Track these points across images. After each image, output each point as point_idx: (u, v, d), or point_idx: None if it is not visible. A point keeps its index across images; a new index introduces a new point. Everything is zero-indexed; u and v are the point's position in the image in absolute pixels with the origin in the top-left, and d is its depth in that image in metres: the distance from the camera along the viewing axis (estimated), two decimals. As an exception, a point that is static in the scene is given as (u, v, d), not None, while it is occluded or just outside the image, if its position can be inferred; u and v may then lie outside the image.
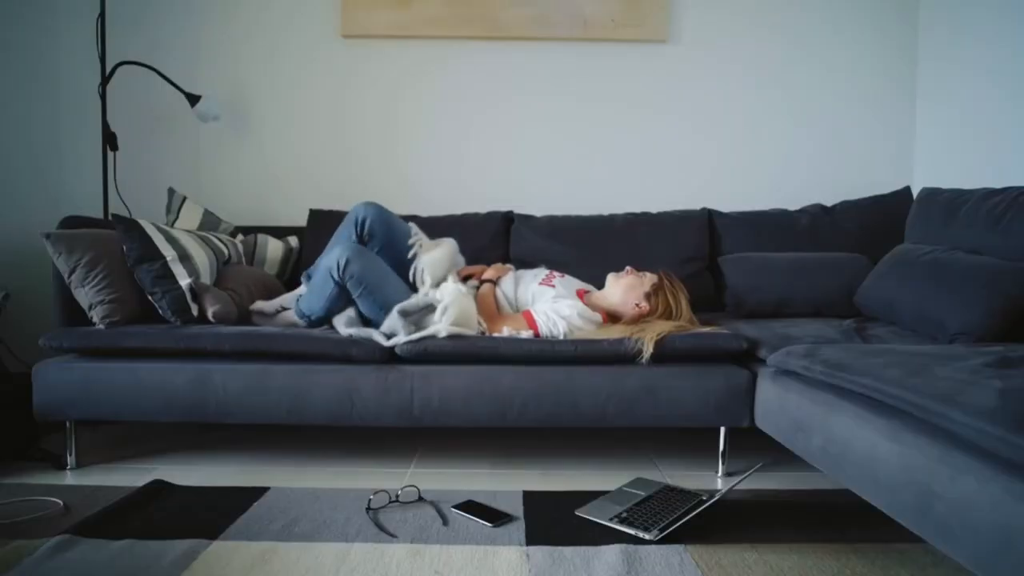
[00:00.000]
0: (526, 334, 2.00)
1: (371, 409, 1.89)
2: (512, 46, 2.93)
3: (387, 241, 2.13)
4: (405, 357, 1.91)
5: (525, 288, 2.19)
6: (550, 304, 2.07)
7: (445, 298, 1.96)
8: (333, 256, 1.95)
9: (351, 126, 2.97)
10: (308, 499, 1.71)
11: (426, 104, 2.96)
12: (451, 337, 1.90)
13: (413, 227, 2.21)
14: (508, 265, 2.39)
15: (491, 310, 2.10)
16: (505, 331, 2.00)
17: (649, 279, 2.16)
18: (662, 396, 1.88)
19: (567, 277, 2.26)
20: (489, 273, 2.27)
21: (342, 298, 1.99)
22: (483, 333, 2.01)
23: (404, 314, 1.90)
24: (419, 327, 1.92)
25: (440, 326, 1.89)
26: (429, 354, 1.89)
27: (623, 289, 2.14)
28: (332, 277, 1.93)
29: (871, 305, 2.19)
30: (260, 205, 2.95)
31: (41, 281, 2.23)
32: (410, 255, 2.12)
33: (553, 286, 2.16)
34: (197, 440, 2.26)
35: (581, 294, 2.19)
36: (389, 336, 1.93)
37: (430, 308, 1.94)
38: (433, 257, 2.09)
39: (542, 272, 2.26)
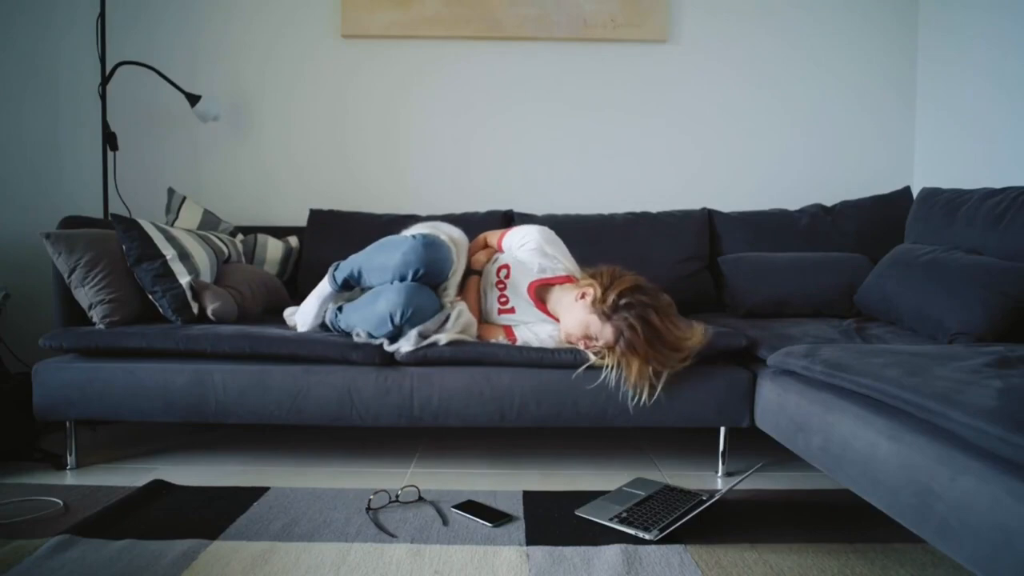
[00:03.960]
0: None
1: (371, 409, 1.89)
2: (512, 46, 2.94)
3: (432, 278, 1.96)
4: (404, 362, 1.91)
5: (490, 309, 2.08)
6: (527, 327, 2.01)
7: (457, 307, 1.94)
8: (396, 303, 1.82)
9: (351, 126, 2.97)
10: (308, 499, 1.71)
11: (426, 104, 2.96)
12: (451, 343, 1.89)
13: (448, 304, 1.96)
14: (490, 241, 2.25)
15: (476, 316, 2.03)
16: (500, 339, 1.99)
17: (606, 336, 1.82)
18: (662, 396, 1.88)
19: (514, 276, 2.04)
20: (480, 257, 2.14)
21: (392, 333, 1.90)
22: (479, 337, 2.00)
23: (422, 335, 1.88)
24: (425, 336, 1.91)
25: (441, 335, 1.89)
26: (428, 359, 1.89)
27: (568, 323, 1.92)
28: (392, 322, 1.84)
29: (871, 305, 2.19)
30: (260, 205, 2.95)
31: (41, 281, 2.23)
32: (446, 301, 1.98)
33: (512, 310, 2.05)
34: (197, 440, 2.26)
35: (533, 290, 2.01)
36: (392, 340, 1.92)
37: (445, 323, 1.92)
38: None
39: (495, 289, 2.06)
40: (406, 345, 1.86)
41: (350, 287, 2.02)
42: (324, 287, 2.02)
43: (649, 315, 1.77)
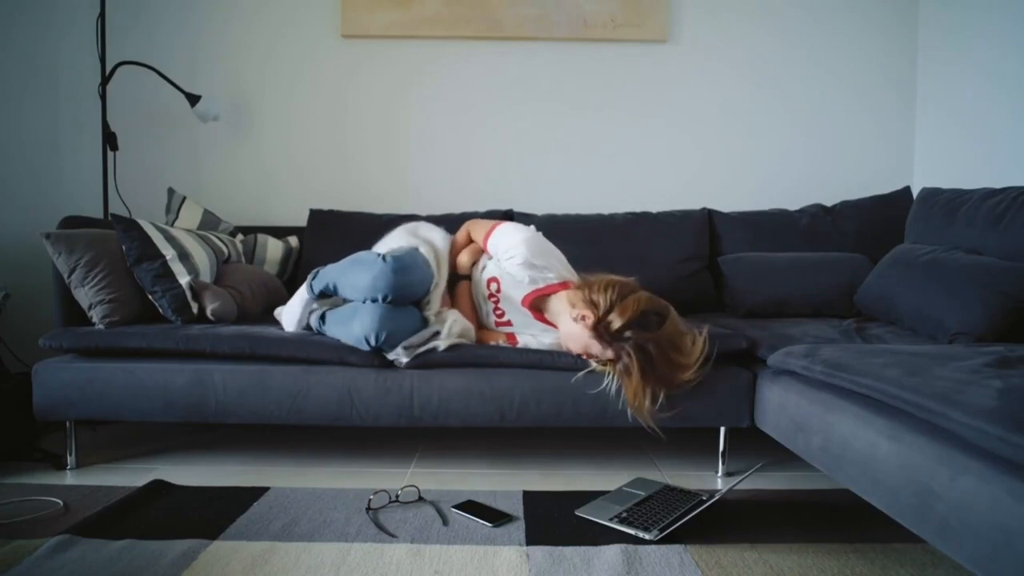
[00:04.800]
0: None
1: (371, 409, 1.89)
2: (512, 46, 2.94)
3: (404, 301, 1.91)
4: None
5: (487, 320, 2.09)
6: (529, 334, 2.03)
7: (448, 319, 1.93)
8: (370, 328, 1.80)
9: (351, 126, 2.97)
10: (308, 499, 1.71)
11: (426, 104, 2.96)
12: (450, 348, 1.89)
13: (430, 319, 1.93)
14: (474, 235, 2.15)
15: (472, 323, 2.03)
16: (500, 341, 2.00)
17: (606, 356, 1.81)
18: (662, 396, 1.87)
19: (506, 291, 2.00)
20: (464, 260, 2.09)
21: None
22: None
23: (408, 348, 1.87)
24: (416, 347, 1.90)
25: (439, 342, 1.88)
26: (429, 362, 1.89)
27: (567, 341, 1.90)
28: (368, 344, 1.82)
29: (871, 305, 2.19)
30: (260, 205, 2.95)
31: (41, 281, 2.23)
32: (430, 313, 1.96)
33: (509, 323, 2.05)
34: (197, 440, 2.26)
35: (529, 303, 1.98)
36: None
37: (435, 336, 1.91)
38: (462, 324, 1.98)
39: (488, 302, 2.05)
40: (403, 357, 1.87)
41: (327, 295, 2.00)
42: (303, 294, 2.00)
43: (648, 347, 1.73)
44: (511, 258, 1.96)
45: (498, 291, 2.02)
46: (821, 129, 2.98)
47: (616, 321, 1.75)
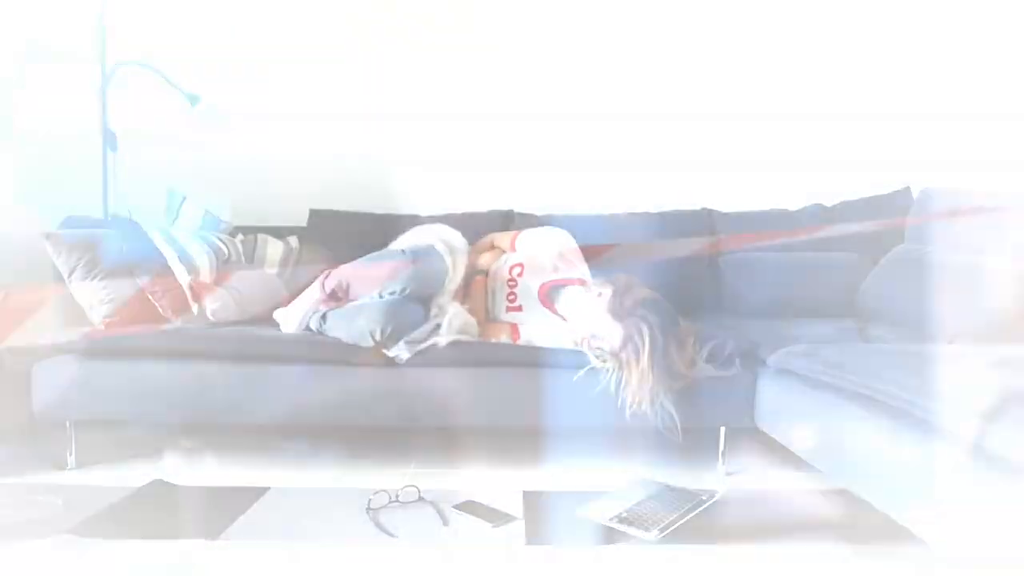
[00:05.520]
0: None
1: (371, 409, 1.89)
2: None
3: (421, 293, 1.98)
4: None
5: (498, 308, 2.11)
6: (534, 326, 2.04)
7: (448, 312, 1.95)
8: (376, 321, 1.83)
9: (351, 125, 2.96)
10: (308, 499, 1.70)
11: (426, 103, 2.96)
12: (451, 344, 1.89)
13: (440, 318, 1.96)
14: (498, 243, 2.28)
15: (481, 315, 2.06)
16: (503, 339, 2.00)
17: (615, 338, 1.85)
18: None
19: (527, 275, 2.08)
20: (486, 257, 2.18)
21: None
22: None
23: (411, 343, 1.88)
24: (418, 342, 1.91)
25: (440, 337, 1.89)
26: (429, 361, 1.89)
27: (579, 321, 1.94)
28: (373, 339, 1.84)
29: (871, 305, 2.19)
30: (260, 205, 2.95)
31: (41, 281, 2.22)
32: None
33: (519, 308, 2.07)
34: (197, 440, 2.25)
35: (545, 291, 2.04)
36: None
37: (435, 329, 1.93)
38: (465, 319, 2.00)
39: (505, 287, 2.11)
40: (404, 353, 1.87)
41: (338, 297, 2.01)
42: (313, 293, 2.02)
43: (660, 328, 1.79)
44: (542, 244, 2.12)
45: (520, 275, 2.09)
46: (821, 128, 2.97)
47: (630, 298, 1.84)
